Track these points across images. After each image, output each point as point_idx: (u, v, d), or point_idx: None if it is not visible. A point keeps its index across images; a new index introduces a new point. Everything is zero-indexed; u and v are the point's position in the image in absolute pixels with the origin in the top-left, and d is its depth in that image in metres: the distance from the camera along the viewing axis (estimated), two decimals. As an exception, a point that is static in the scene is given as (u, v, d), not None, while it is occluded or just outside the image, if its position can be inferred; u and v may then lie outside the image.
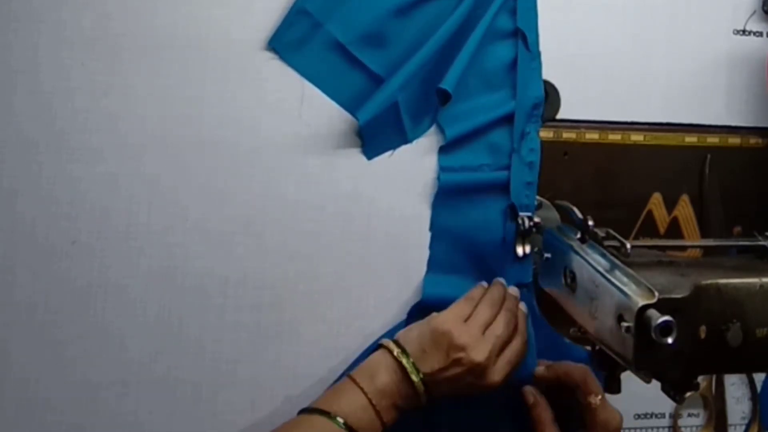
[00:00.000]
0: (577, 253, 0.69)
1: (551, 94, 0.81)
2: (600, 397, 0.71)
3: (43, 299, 0.72)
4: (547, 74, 0.80)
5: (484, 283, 0.76)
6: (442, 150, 0.78)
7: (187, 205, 0.74)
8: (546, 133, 0.81)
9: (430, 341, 0.70)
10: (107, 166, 0.73)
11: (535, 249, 0.78)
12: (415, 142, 0.78)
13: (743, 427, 0.89)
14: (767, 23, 0.84)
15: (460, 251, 0.78)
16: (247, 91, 0.75)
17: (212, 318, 0.75)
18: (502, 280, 0.76)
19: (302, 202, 0.76)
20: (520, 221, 0.78)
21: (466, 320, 0.71)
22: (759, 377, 0.89)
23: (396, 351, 0.70)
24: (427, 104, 0.76)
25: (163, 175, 0.74)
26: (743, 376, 0.88)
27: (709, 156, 0.85)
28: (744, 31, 0.84)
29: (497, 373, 0.70)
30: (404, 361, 0.70)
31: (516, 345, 0.72)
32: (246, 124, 0.75)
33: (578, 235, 0.71)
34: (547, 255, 0.75)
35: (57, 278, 0.72)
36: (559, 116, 0.81)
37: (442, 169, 0.77)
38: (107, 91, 0.72)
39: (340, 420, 0.66)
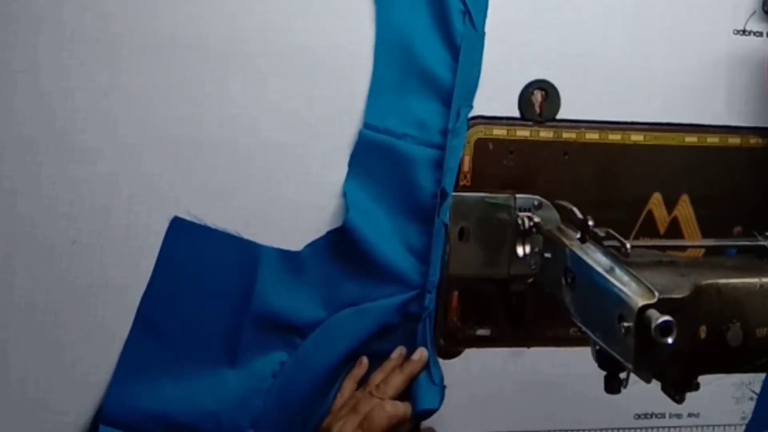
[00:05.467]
0: (577, 253, 0.69)
1: (551, 94, 0.81)
2: None
3: (43, 299, 0.72)
4: (547, 74, 0.80)
5: (403, 349, 0.77)
6: (370, 104, 0.76)
7: (187, 205, 0.74)
8: (546, 133, 0.81)
9: None
10: (107, 166, 0.73)
11: (535, 249, 0.79)
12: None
13: (743, 427, 0.90)
14: (767, 23, 0.84)
15: (373, 213, 0.76)
16: (247, 91, 0.75)
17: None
18: (399, 352, 0.76)
19: (302, 202, 0.76)
20: (520, 221, 0.78)
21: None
22: (759, 377, 0.89)
23: None
24: None
25: (163, 175, 0.74)
26: (743, 376, 0.89)
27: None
28: (744, 31, 0.84)
29: None
30: None
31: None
32: (246, 124, 0.75)
33: (578, 235, 0.71)
34: (547, 255, 0.75)
35: (57, 278, 0.72)
36: (559, 116, 0.81)
37: (365, 125, 0.76)
38: (107, 91, 0.72)
39: None
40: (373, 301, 0.76)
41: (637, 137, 0.83)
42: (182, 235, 0.73)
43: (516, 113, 0.80)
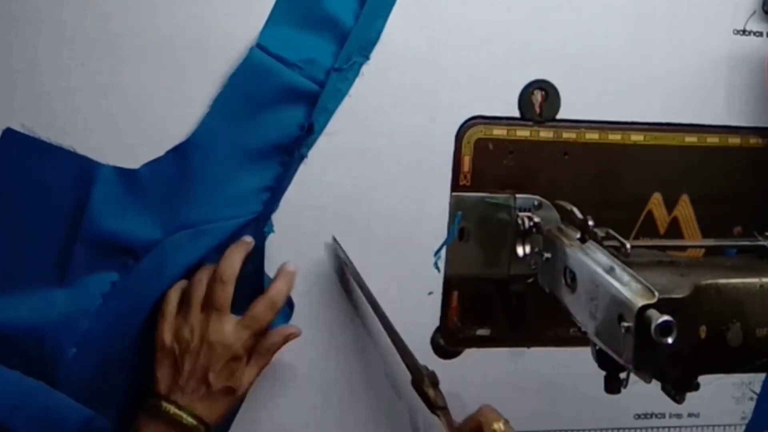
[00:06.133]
0: (577, 253, 0.69)
1: (551, 94, 0.81)
2: (502, 423, 0.69)
3: (43, 299, 0.72)
4: (547, 74, 0.80)
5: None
6: (267, 28, 0.74)
7: (187, 205, 0.74)
8: (546, 133, 0.81)
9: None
10: (107, 166, 0.73)
11: (535, 249, 0.79)
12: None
13: (743, 427, 0.90)
14: (767, 23, 0.84)
15: (230, 131, 0.74)
16: (247, 91, 0.75)
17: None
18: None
19: (302, 202, 0.76)
20: (520, 221, 0.79)
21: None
22: (759, 377, 0.89)
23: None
24: None
25: (163, 175, 0.74)
26: (743, 376, 0.89)
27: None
28: (744, 31, 0.84)
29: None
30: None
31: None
32: (246, 124, 0.75)
33: (578, 235, 0.71)
34: (547, 255, 0.75)
35: (57, 278, 0.72)
36: (559, 116, 0.81)
37: (257, 45, 0.74)
38: (107, 91, 0.72)
39: None
40: (209, 224, 0.74)
41: (637, 137, 0.83)
42: (14, 148, 0.70)
43: (516, 113, 0.80)
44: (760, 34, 0.84)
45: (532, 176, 0.81)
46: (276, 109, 0.74)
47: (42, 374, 0.70)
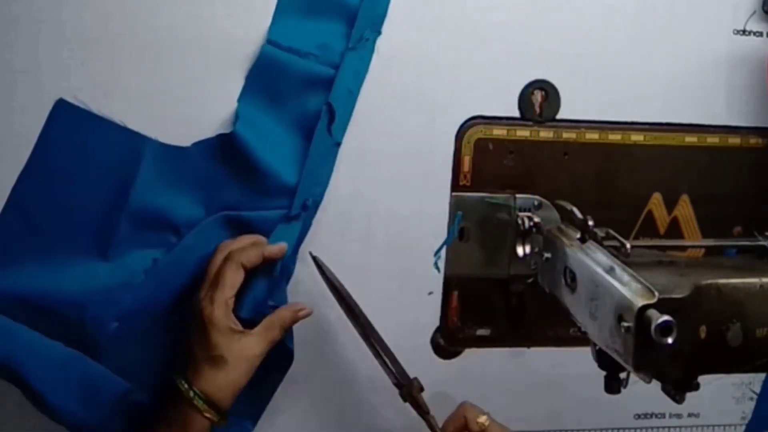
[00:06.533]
0: (577, 253, 0.69)
1: (551, 94, 0.81)
2: (485, 417, 0.73)
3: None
4: (547, 74, 0.80)
5: None
6: (275, 23, 0.74)
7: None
8: (546, 133, 0.81)
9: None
10: (107, 166, 0.73)
11: (536, 249, 0.79)
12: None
13: (743, 427, 0.90)
14: (767, 23, 0.84)
15: (266, 127, 0.74)
16: (247, 91, 0.75)
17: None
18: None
19: (302, 202, 0.76)
20: (520, 221, 0.79)
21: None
22: (759, 377, 0.89)
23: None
24: None
25: (163, 175, 0.74)
26: (743, 376, 0.89)
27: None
28: (744, 31, 0.84)
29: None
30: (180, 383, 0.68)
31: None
32: (246, 124, 0.75)
33: (578, 235, 0.71)
34: (547, 255, 0.75)
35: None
36: (559, 116, 0.81)
37: (268, 41, 0.74)
38: (107, 91, 0.72)
39: None
40: (253, 211, 0.74)
41: (637, 137, 0.83)
42: (65, 119, 0.70)
43: (516, 113, 0.80)
44: (760, 34, 0.84)
45: (532, 176, 0.81)
46: (300, 100, 0.75)
47: (83, 346, 0.70)
